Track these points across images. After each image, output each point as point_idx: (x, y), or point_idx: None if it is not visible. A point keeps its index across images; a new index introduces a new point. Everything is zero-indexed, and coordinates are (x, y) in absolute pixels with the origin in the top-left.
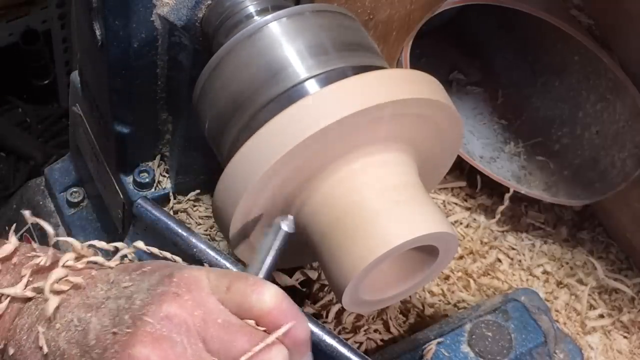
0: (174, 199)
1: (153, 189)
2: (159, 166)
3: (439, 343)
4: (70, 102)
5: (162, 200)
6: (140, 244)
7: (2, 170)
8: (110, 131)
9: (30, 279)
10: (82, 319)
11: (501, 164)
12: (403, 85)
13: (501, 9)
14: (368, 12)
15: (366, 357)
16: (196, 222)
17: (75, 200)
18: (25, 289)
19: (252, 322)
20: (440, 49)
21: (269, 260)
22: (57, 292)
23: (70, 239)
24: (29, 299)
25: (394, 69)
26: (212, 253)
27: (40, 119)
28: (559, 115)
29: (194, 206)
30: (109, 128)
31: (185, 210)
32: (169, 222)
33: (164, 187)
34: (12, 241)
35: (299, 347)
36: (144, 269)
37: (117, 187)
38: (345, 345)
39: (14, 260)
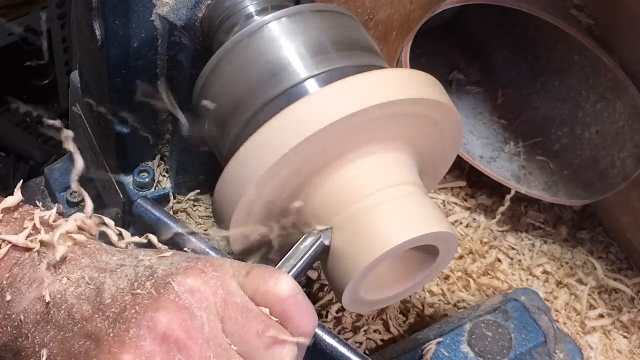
0: (174, 199)
1: (153, 189)
2: (159, 166)
3: (439, 343)
4: (70, 102)
5: (162, 200)
6: (154, 238)
7: (2, 170)
8: (110, 131)
9: (32, 232)
10: (94, 278)
11: (501, 164)
12: (403, 85)
13: (501, 9)
14: (368, 12)
15: (366, 357)
16: (196, 222)
17: (75, 200)
18: (27, 239)
19: (267, 310)
20: (440, 49)
21: (300, 265)
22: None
23: (89, 201)
24: (29, 250)
25: (394, 69)
26: (212, 253)
27: (40, 119)
28: (559, 115)
29: (194, 206)
30: (109, 128)
31: (185, 211)
32: (169, 222)
33: (164, 187)
34: (17, 195)
35: (304, 341)
36: (164, 255)
37: (117, 187)
38: (345, 345)
39: (16, 215)
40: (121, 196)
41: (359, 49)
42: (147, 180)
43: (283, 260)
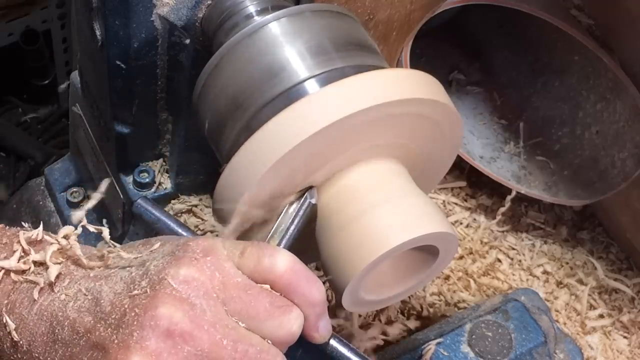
0: (174, 198)
1: (153, 189)
2: (160, 169)
3: (438, 343)
4: (70, 102)
5: (162, 200)
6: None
7: (2, 170)
8: (110, 131)
9: (22, 255)
10: (90, 288)
11: (501, 164)
12: (403, 85)
13: (501, 9)
14: (368, 12)
15: (366, 357)
16: (196, 221)
17: (75, 200)
18: (18, 261)
19: (267, 286)
20: (440, 49)
21: (292, 229)
22: (56, 263)
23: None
24: (23, 272)
25: (394, 69)
26: None
27: (40, 119)
28: (559, 115)
29: (195, 206)
30: (109, 128)
31: (185, 211)
32: (169, 222)
33: (164, 187)
34: None
35: (315, 308)
36: (153, 247)
37: (117, 187)
38: (345, 345)
39: (4, 240)
40: (121, 196)
41: (359, 49)
42: (147, 180)
43: (274, 227)
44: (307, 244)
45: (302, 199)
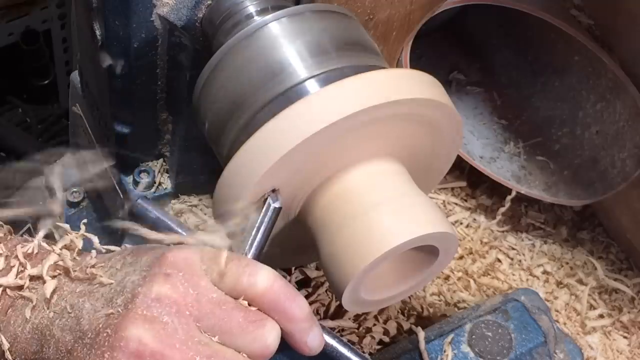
0: (174, 198)
1: (153, 189)
2: (160, 167)
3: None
4: (70, 102)
5: (162, 200)
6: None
7: (2, 170)
8: (110, 131)
9: (21, 269)
10: (74, 305)
11: (501, 164)
12: (403, 85)
13: (501, 9)
14: (368, 12)
15: (366, 357)
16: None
17: (75, 200)
18: (16, 277)
19: (245, 302)
20: (440, 49)
21: (259, 237)
22: (52, 277)
23: (65, 226)
24: (20, 288)
25: (394, 69)
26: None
27: (40, 119)
28: (559, 115)
29: (195, 206)
30: (109, 128)
31: (185, 211)
32: (169, 222)
33: (164, 187)
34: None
35: (298, 325)
36: (137, 252)
37: (117, 187)
38: (345, 345)
39: (4, 252)
40: (121, 196)
41: (359, 49)
42: (147, 180)
43: (243, 238)
44: (305, 245)
45: (265, 205)
